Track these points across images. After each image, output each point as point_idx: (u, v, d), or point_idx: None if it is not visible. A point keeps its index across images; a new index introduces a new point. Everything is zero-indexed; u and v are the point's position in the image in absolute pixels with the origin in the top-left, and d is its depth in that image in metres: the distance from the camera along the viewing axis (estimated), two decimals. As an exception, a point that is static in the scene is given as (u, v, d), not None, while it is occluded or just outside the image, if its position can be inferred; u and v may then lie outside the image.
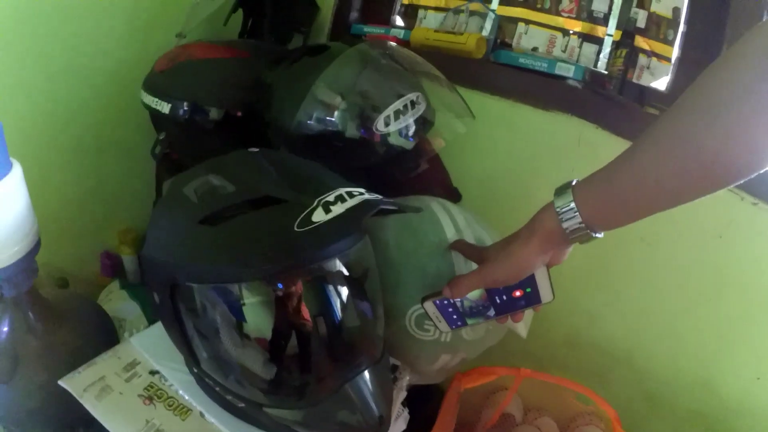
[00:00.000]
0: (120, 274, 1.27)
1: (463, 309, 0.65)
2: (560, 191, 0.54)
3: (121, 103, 1.18)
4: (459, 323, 0.67)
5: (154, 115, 1.04)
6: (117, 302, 1.10)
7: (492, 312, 0.65)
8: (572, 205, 0.52)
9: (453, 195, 0.99)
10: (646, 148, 0.48)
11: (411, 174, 0.91)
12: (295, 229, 0.49)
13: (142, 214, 1.25)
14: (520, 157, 1.07)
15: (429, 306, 0.66)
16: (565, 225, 0.53)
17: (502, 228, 0.81)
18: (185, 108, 0.97)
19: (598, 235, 0.53)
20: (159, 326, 0.71)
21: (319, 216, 0.51)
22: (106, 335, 0.92)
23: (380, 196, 0.56)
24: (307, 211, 0.51)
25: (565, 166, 1.00)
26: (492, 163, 1.10)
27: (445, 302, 0.65)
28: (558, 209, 0.53)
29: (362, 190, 0.57)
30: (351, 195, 0.55)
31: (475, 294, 0.63)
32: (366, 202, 0.54)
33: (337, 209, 0.52)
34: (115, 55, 1.17)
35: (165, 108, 0.98)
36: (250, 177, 0.58)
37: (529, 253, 0.57)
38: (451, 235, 0.76)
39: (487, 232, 0.79)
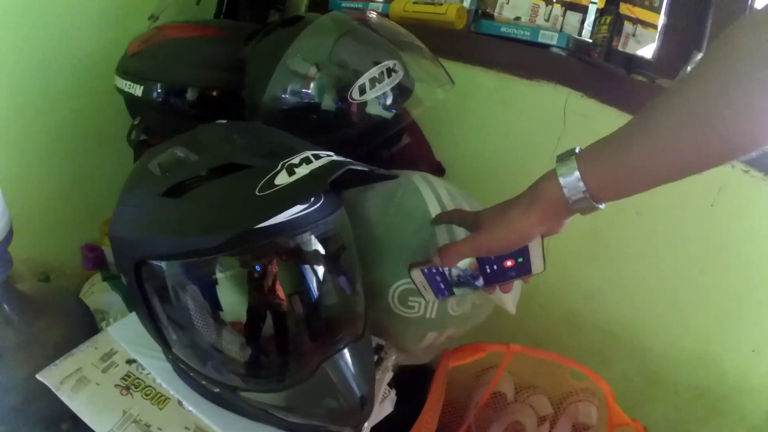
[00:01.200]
0: (103, 266, 1.24)
1: (451, 278, 0.63)
2: (563, 159, 0.51)
3: (98, 91, 1.15)
4: (446, 293, 0.65)
5: (129, 99, 1.01)
6: (99, 295, 1.08)
7: (481, 282, 0.62)
8: (577, 174, 0.50)
9: (436, 169, 0.97)
10: (661, 116, 0.46)
11: (394, 149, 0.89)
12: (257, 193, 0.47)
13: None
14: (505, 128, 1.05)
15: (416, 274, 0.64)
16: (568, 194, 0.50)
17: (490, 201, 0.79)
18: (159, 90, 0.94)
19: (600, 206, 0.51)
20: (132, 317, 0.69)
21: (282, 179, 0.49)
22: (86, 328, 0.90)
23: (349, 160, 0.54)
24: (270, 174, 0.49)
25: (551, 135, 0.99)
26: (477, 136, 1.08)
27: (434, 271, 0.63)
28: (561, 178, 0.50)
29: (330, 153, 0.55)
30: (317, 157, 0.52)
31: (465, 263, 0.61)
32: (333, 162, 0.52)
33: (302, 171, 0.49)
34: (91, 41, 1.14)
35: (138, 91, 0.96)
36: (215, 146, 0.56)
37: (529, 223, 0.54)
38: (433, 208, 0.73)
39: (470, 205, 0.77)
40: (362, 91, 0.74)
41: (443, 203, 0.74)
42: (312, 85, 0.75)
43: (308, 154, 0.52)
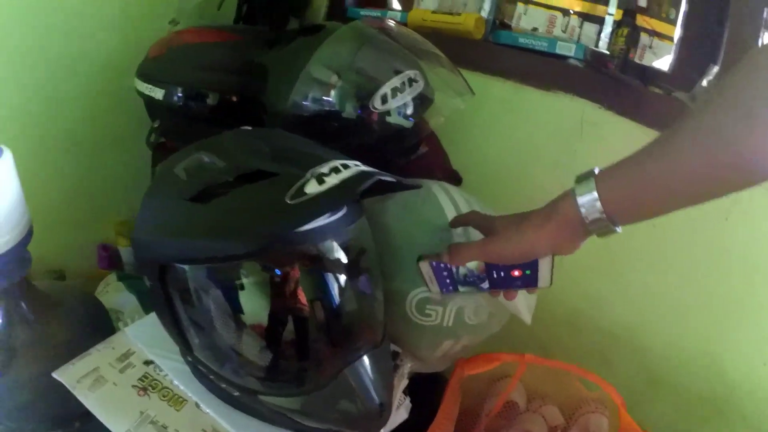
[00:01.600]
0: (117, 266, 1.25)
1: (457, 276, 0.64)
2: (581, 179, 0.52)
3: (116, 91, 1.16)
4: (450, 288, 0.65)
5: (149, 102, 1.02)
6: (114, 294, 1.08)
7: (486, 285, 0.63)
8: (594, 194, 0.50)
9: (453, 178, 0.97)
10: (680, 136, 0.46)
11: (411, 157, 0.90)
12: (287, 201, 0.47)
13: (139, 204, 1.23)
14: (522, 139, 1.05)
15: (424, 266, 0.64)
16: (584, 215, 0.51)
17: (504, 212, 0.79)
18: (179, 93, 0.95)
19: (617, 229, 0.51)
20: (154, 316, 0.70)
21: (312, 187, 0.49)
22: (101, 327, 0.91)
23: (377, 170, 0.54)
24: (300, 182, 0.49)
25: (568, 147, 0.99)
26: (494, 146, 1.08)
27: (442, 266, 0.63)
28: (578, 197, 0.51)
29: (358, 162, 0.55)
30: (346, 166, 0.52)
31: (473, 264, 0.62)
32: (362, 173, 0.52)
33: (332, 180, 0.50)
34: (110, 42, 1.15)
35: (159, 94, 0.96)
36: (241, 153, 0.57)
37: (542, 239, 0.55)
38: (452, 217, 0.73)
39: (488, 215, 0.77)
40: (384, 101, 0.75)
41: (461, 213, 0.75)
42: (334, 93, 0.76)
43: (337, 163, 0.52)
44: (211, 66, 0.96)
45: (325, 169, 0.51)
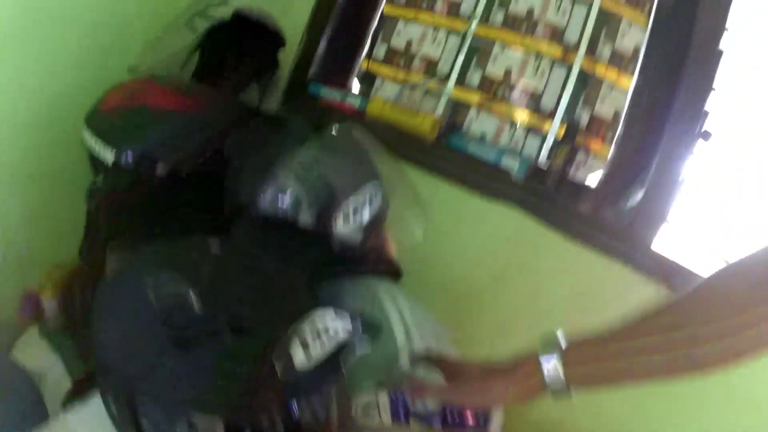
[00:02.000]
0: (41, 317, 1.18)
1: (411, 410, 0.67)
2: (546, 347, 0.56)
3: (61, 131, 1.13)
4: (401, 420, 0.68)
5: (95, 158, 1.00)
6: (36, 353, 1.02)
7: (437, 424, 0.66)
8: (558, 366, 0.55)
9: (395, 272, 1.01)
10: (643, 326, 0.53)
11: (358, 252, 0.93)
12: (274, 375, 0.50)
13: (69, 253, 1.18)
14: (463, 244, 1.11)
15: (382, 395, 0.68)
16: (547, 382, 0.56)
17: (438, 312, 0.85)
18: (130, 159, 0.93)
19: (572, 394, 0.56)
20: (96, 402, 0.68)
21: (297, 356, 0.53)
22: (25, 396, 0.87)
23: (354, 326, 0.59)
24: (284, 350, 0.52)
25: (501, 255, 1.05)
26: (433, 245, 1.11)
27: (399, 397, 0.67)
28: (544, 366, 0.56)
29: (338, 319, 0.59)
30: (325, 327, 0.56)
31: (430, 402, 0.66)
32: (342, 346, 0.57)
33: (315, 350, 0.54)
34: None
35: (108, 154, 0.95)
36: (217, 288, 0.58)
37: (504, 395, 0.60)
38: (398, 327, 0.78)
39: (430, 324, 0.83)
40: (345, 217, 0.79)
41: (406, 322, 0.79)
42: (296, 205, 0.79)
43: (317, 324, 0.56)
44: (169, 136, 0.95)
45: (307, 332, 0.54)
